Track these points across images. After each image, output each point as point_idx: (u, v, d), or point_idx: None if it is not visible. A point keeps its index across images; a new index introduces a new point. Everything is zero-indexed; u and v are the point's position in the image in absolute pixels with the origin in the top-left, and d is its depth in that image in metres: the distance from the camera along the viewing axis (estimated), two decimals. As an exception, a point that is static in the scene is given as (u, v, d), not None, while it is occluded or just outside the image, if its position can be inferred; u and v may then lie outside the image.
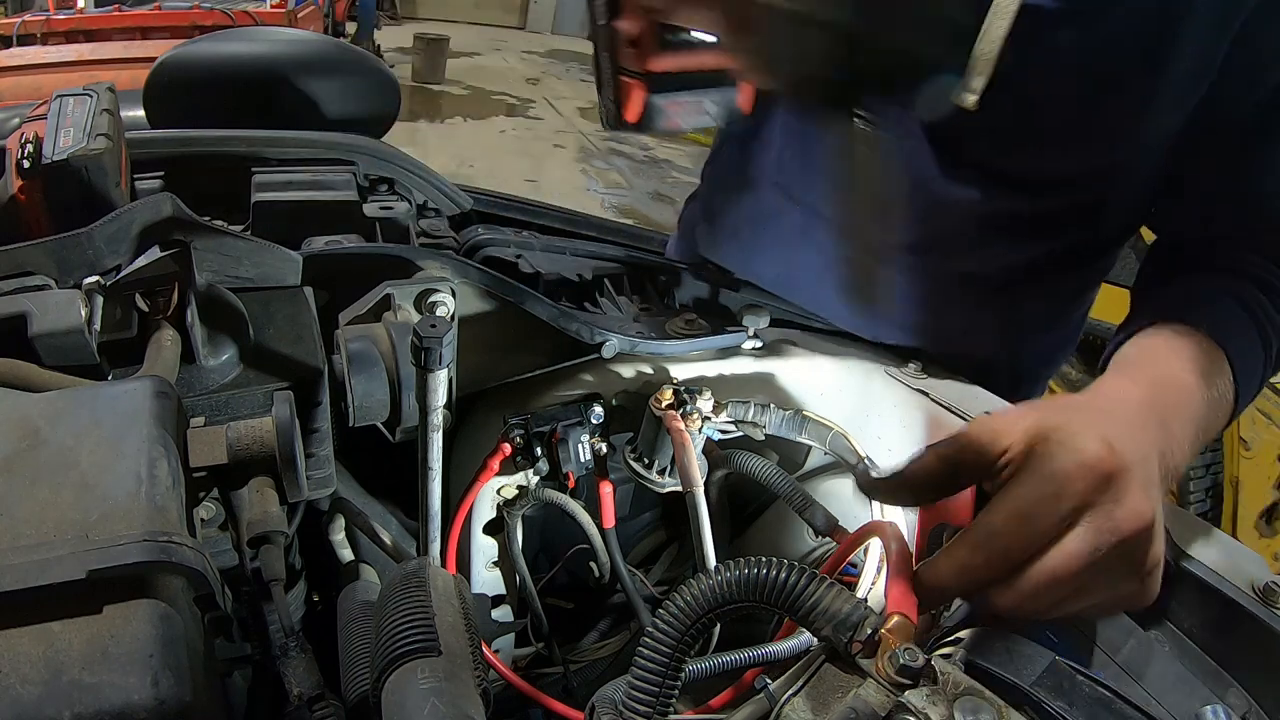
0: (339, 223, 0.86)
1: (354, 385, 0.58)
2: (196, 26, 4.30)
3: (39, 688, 0.32)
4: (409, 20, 13.25)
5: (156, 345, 0.56)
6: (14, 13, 4.74)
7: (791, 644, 0.60)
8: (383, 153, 0.99)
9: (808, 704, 0.38)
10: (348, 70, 1.14)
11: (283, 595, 0.50)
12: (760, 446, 0.81)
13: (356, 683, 0.51)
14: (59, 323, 0.52)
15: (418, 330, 0.48)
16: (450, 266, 0.69)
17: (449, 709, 0.38)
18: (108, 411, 0.44)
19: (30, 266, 0.57)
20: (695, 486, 0.66)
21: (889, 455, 0.76)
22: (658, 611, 0.42)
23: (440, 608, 0.44)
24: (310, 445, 0.60)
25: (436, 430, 0.53)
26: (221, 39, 1.16)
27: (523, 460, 0.71)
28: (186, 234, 0.60)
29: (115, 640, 0.34)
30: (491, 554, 0.78)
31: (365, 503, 0.72)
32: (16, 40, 4.12)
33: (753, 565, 0.40)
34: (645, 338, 0.74)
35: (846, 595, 0.39)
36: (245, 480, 0.51)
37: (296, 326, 0.63)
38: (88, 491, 0.39)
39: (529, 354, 0.74)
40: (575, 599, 0.86)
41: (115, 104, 0.76)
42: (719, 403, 0.71)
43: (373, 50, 6.46)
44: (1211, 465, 2.37)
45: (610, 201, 6.48)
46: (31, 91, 2.74)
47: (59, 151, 0.66)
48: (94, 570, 0.35)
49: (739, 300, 0.91)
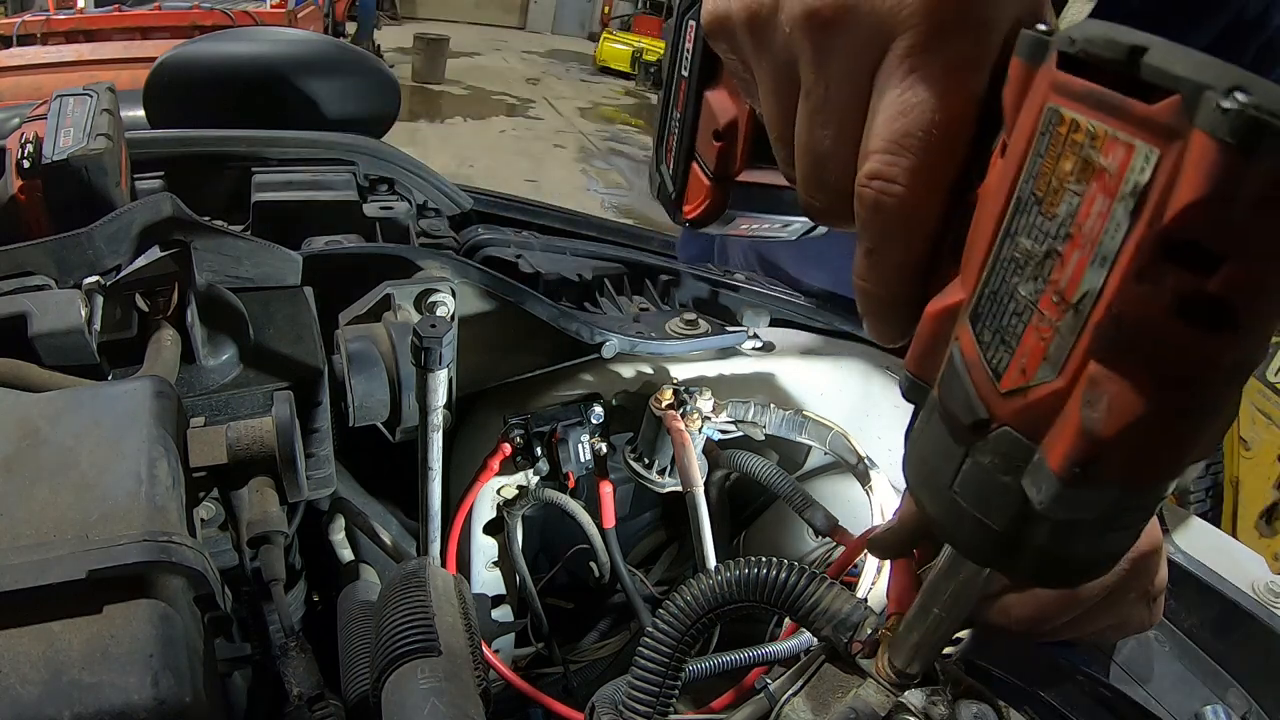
0: (339, 223, 0.86)
1: (354, 385, 0.58)
2: (196, 26, 4.31)
3: (39, 688, 0.32)
4: (409, 20, 13.27)
5: (156, 345, 0.56)
6: (14, 13, 4.75)
7: (791, 644, 0.60)
8: (383, 153, 0.99)
9: (808, 704, 0.38)
10: (348, 70, 1.14)
11: (283, 595, 0.50)
12: (760, 446, 0.81)
13: (356, 683, 0.51)
14: (59, 323, 0.52)
15: (418, 330, 0.48)
16: (450, 266, 0.69)
17: (449, 709, 0.38)
18: (108, 411, 0.44)
19: (30, 266, 0.57)
20: (695, 486, 0.66)
21: (889, 455, 0.76)
22: (658, 611, 0.42)
23: (440, 608, 0.44)
24: (310, 445, 0.60)
25: (436, 430, 0.53)
26: (221, 39, 1.16)
27: (523, 460, 0.71)
28: (186, 234, 0.60)
29: (115, 640, 0.34)
30: (491, 554, 0.78)
31: (365, 503, 0.72)
32: (16, 40, 4.12)
33: (753, 565, 0.40)
34: (645, 338, 0.74)
35: (846, 595, 0.39)
36: (245, 480, 0.51)
37: (296, 326, 0.63)
38: (88, 491, 0.39)
39: (529, 354, 0.74)
40: (575, 599, 0.86)
41: (115, 104, 0.76)
42: (719, 403, 0.71)
43: (373, 50, 6.46)
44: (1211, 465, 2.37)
45: (610, 201, 6.48)
46: (31, 91, 2.74)
47: (59, 151, 0.66)
48: (94, 570, 0.35)
49: (739, 300, 0.91)
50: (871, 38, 0.28)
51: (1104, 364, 0.20)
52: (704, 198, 0.42)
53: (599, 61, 12.21)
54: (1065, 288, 0.21)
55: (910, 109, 0.27)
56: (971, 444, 0.25)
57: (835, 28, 0.29)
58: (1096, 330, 0.20)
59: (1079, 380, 0.21)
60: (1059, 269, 0.21)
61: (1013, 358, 0.23)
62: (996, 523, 0.24)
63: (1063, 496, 0.22)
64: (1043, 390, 0.22)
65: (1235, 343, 0.19)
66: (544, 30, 15.34)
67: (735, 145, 0.40)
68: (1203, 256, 0.18)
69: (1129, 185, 0.19)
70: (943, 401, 0.26)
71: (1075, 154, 0.20)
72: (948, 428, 0.26)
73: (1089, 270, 0.20)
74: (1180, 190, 0.18)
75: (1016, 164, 0.23)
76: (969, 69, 0.27)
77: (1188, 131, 0.18)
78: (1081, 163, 0.20)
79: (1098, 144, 0.20)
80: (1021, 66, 0.24)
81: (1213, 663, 0.56)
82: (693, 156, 0.42)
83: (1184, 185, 0.18)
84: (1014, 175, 0.23)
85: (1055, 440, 0.22)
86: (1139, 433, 0.20)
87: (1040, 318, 0.22)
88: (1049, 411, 0.22)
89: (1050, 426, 0.22)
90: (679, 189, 0.43)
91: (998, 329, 0.23)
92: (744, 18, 0.32)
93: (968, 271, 0.26)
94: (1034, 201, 0.22)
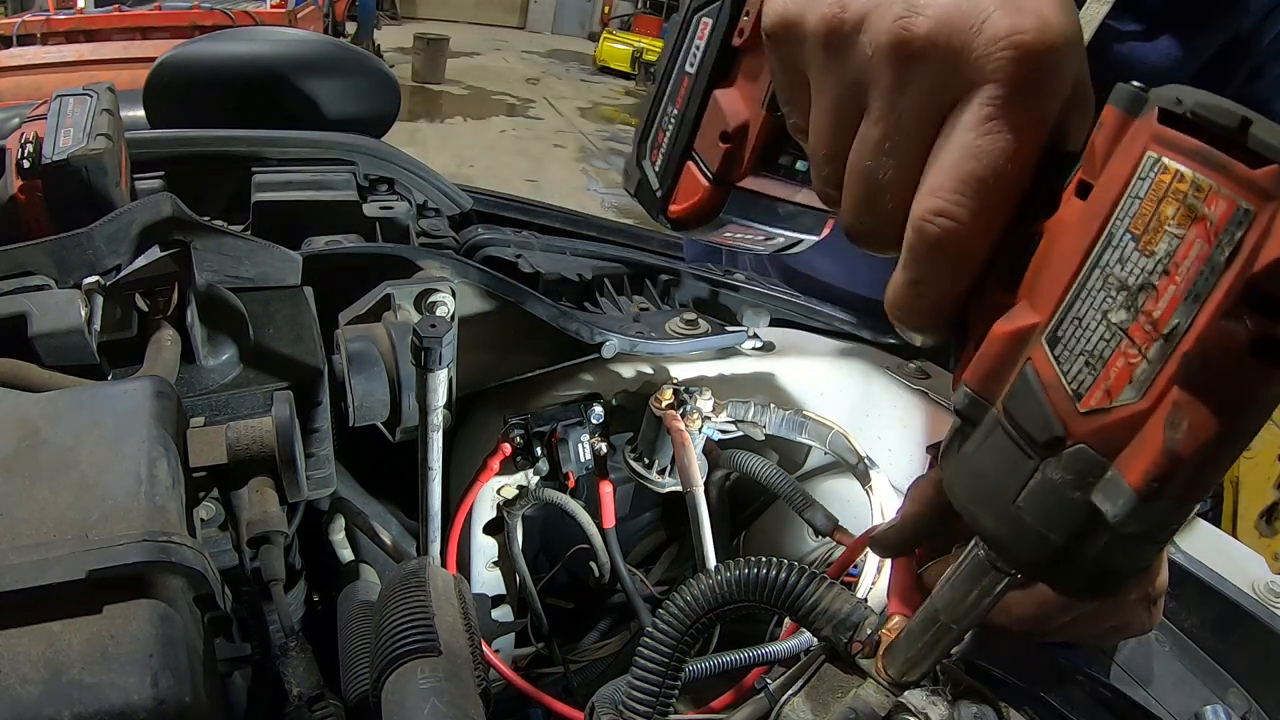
0: (339, 223, 0.86)
1: (354, 385, 0.58)
2: (196, 26, 4.31)
3: (39, 688, 0.32)
4: (409, 20, 13.27)
5: (156, 345, 0.56)
6: (14, 13, 4.75)
7: (791, 644, 0.60)
8: (383, 153, 0.99)
9: (808, 704, 0.38)
10: (348, 70, 1.14)
11: (283, 595, 0.50)
12: (760, 446, 0.81)
13: (356, 683, 0.51)
14: (59, 323, 0.52)
15: (418, 330, 0.48)
16: (450, 266, 0.69)
17: (449, 709, 0.38)
18: (108, 411, 0.44)
19: (30, 266, 0.57)
20: (695, 486, 0.66)
21: (889, 455, 0.76)
22: (658, 611, 0.42)
23: (440, 608, 0.44)
24: (310, 445, 0.60)
25: (436, 430, 0.53)
26: (221, 39, 1.16)
27: (523, 460, 0.71)
28: (186, 234, 0.60)
29: (115, 640, 0.34)
30: (491, 554, 0.78)
31: (365, 503, 0.72)
32: (16, 40, 4.12)
33: (753, 565, 0.40)
34: (645, 338, 0.74)
35: (846, 595, 0.39)
36: (245, 480, 0.51)
37: (296, 326, 0.63)
38: (88, 491, 0.39)
39: (529, 354, 0.74)
40: (575, 599, 0.86)
41: (115, 104, 0.76)
42: (719, 403, 0.71)
43: (373, 50, 6.46)
44: (1211, 465, 2.37)
45: (610, 201, 6.48)
46: (31, 91, 2.74)
47: (59, 151, 0.66)
48: (94, 570, 0.35)
49: (739, 300, 0.91)
50: (955, 79, 0.29)
51: (1188, 390, 0.23)
52: (698, 198, 0.41)
53: (599, 61, 12.21)
54: (1159, 318, 0.23)
55: (984, 155, 0.28)
56: (1043, 460, 0.26)
57: (921, 62, 0.30)
58: (1184, 359, 0.23)
59: (1163, 403, 0.23)
60: (1153, 301, 0.23)
61: (1096, 379, 0.25)
62: (1058, 536, 0.26)
63: (1136, 510, 0.24)
64: (1125, 411, 0.24)
65: None
66: (544, 30, 15.34)
67: (743, 149, 0.39)
68: (1277, 304, 0.21)
69: (1227, 235, 0.22)
70: (1012, 419, 0.27)
71: (1178, 201, 0.23)
72: (1016, 445, 0.27)
73: (1182, 305, 0.23)
74: (1270, 246, 0.21)
75: (1108, 202, 0.25)
76: (1043, 123, 0.29)
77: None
78: (1185, 209, 0.23)
79: (1202, 195, 0.22)
80: (1119, 116, 0.26)
81: (1213, 663, 0.56)
82: (689, 155, 0.41)
83: (1274, 241, 0.21)
84: (1104, 212, 0.25)
85: (1134, 457, 0.24)
86: (1207, 452, 0.23)
87: (1129, 344, 0.24)
88: (1128, 431, 0.24)
89: (1126, 445, 0.24)
90: (667, 187, 0.42)
91: (1081, 352, 0.25)
92: (822, 29, 0.32)
93: (1043, 297, 0.27)
94: (1128, 237, 0.24)
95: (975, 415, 0.29)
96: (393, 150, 1.00)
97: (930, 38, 0.29)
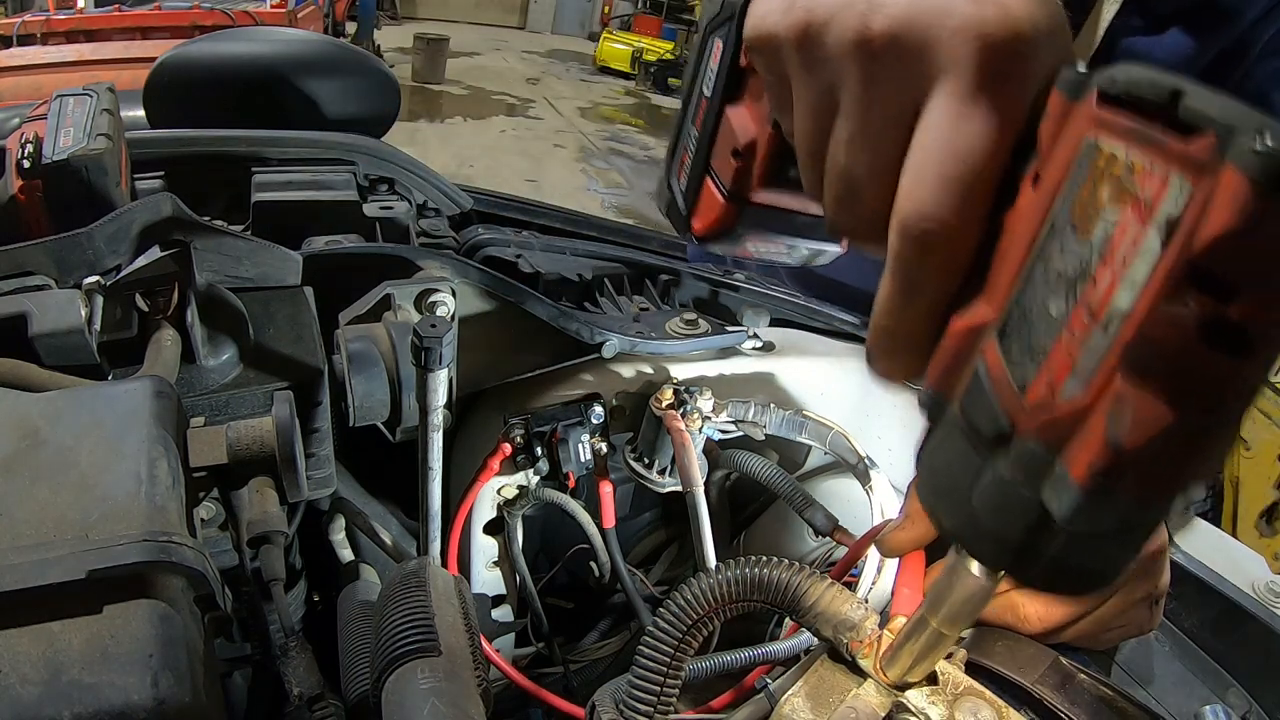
0: (339, 223, 0.86)
1: (354, 385, 0.58)
2: (196, 26, 4.30)
3: (39, 688, 0.32)
4: (409, 20, 13.27)
5: (156, 345, 0.56)
6: (14, 13, 4.75)
7: (791, 644, 0.60)
8: (383, 153, 0.99)
9: (808, 704, 0.38)
10: (348, 70, 1.14)
11: (283, 595, 0.50)
12: (760, 446, 0.81)
13: (356, 683, 0.51)
14: (59, 323, 0.52)
15: (418, 330, 0.48)
16: (450, 266, 0.69)
17: (449, 709, 0.38)
18: (108, 411, 0.44)
19: (30, 266, 0.57)
20: (695, 486, 0.66)
21: (889, 455, 0.76)
22: (658, 611, 0.42)
23: (440, 608, 0.44)
24: (310, 445, 0.60)
25: (436, 430, 0.53)
26: (221, 39, 1.16)
27: (523, 460, 0.71)
28: (186, 234, 0.60)
29: (115, 640, 0.34)
30: (491, 554, 0.78)
31: (365, 503, 0.72)
32: (16, 40, 4.12)
33: (752, 565, 0.40)
34: (645, 338, 0.74)
35: (847, 595, 0.39)
36: (245, 480, 0.51)
37: (296, 326, 0.63)
38: (88, 491, 0.39)
39: (529, 354, 0.74)
40: (575, 599, 0.86)
41: (115, 104, 0.76)
42: (719, 403, 0.71)
43: (373, 50, 6.46)
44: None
45: (610, 201, 6.49)
46: (31, 91, 2.74)
47: (59, 151, 0.66)
48: (94, 570, 0.35)
49: (739, 300, 0.91)
50: (921, 72, 0.29)
51: (1129, 380, 0.21)
52: (716, 214, 0.42)
53: (599, 61, 12.21)
54: (1096, 307, 0.22)
55: (959, 150, 0.28)
56: (992, 456, 0.25)
57: (885, 57, 0.29)
58: (1124, 348, 0.21)
59: (1104, 395, 0.22)
60: (1090, 289, 0.22)
61: (1039, 372, 0.24)
62: (1014, 535, 0.25)
63: (1081, 507, 0.22)
64: (1068, 404, 0.23)
65: (1249, 366, 0.20)
66: (544, 30, 15.33)
67: (753, 165, 0.40)
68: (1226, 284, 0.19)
69: (1162, 214, 0.20)
70: (965, 415, 0.27)
71: (1112, 183, 0.22)
72: (969, 441, 0.26)
73: (1119, 291, 0.21)
74: (1209, 221, 0.19)
75: (1052, 191, 0.24)
76: (1014, 112, 0.28)
77: (1219, 168, 0.19)
78: (1118, 191, 0.21)
79: (1135, 174, 0.21)
80: (1061, 101, 0.25)
81: (1213, 663, 0.57)
82: (707, 172, 0.42)
83: (1213, 217, 0.19)
84: (1049, 201, 0.24)
85: (1078, 450, 0.23)
86: (1158, 446, 0.21)
87: (1069, 335, 0.23)
88: (1073, 424, 0.23)
89: (1073, 439, 0.23)
90: (690, 204, 0.44)
91: (1026, 345, 0.24)
92: (793, 34, 0.32)
93: (995, 291, 0.27)
94: (1068, 225, 0.23)
95: (936, 414, 0.29)
96: (393, 150, 1.00)
97: (892, 33, 0.29)
